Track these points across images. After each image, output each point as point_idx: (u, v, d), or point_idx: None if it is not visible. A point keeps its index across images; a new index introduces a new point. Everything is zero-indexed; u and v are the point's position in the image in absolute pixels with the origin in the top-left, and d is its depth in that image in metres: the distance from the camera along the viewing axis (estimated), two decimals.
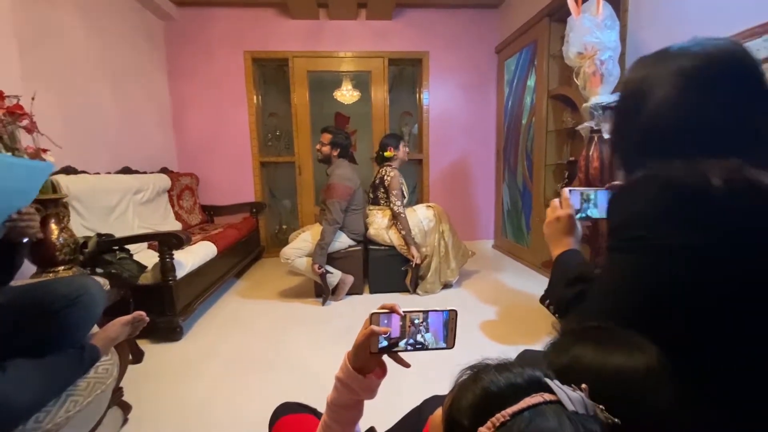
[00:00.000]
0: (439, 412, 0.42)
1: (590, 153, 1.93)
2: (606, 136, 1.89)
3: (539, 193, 3.08)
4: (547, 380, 0.36)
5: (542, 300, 0.81)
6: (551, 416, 0.32)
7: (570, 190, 0.78)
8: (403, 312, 0.56)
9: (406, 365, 0.61)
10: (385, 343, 0.57)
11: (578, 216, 0.78)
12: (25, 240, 1.04)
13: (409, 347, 0.57)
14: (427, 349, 0.58)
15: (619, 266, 0.53)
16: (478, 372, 0.38)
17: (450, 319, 0.57)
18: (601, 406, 0.34)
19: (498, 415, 0.33)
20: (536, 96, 3.08)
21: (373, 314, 0.57)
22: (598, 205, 0.79)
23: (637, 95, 0.57)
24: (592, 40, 1.85)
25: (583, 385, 0.35)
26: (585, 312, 0.58)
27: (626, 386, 0.37)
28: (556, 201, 0.79)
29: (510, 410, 0.33)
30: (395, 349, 0.57)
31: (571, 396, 0.34)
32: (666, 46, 0.59)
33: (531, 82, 3.19)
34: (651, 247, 0.48)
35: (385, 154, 2.74)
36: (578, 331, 0.46)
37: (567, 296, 0.64)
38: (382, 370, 0.61)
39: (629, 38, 2.10)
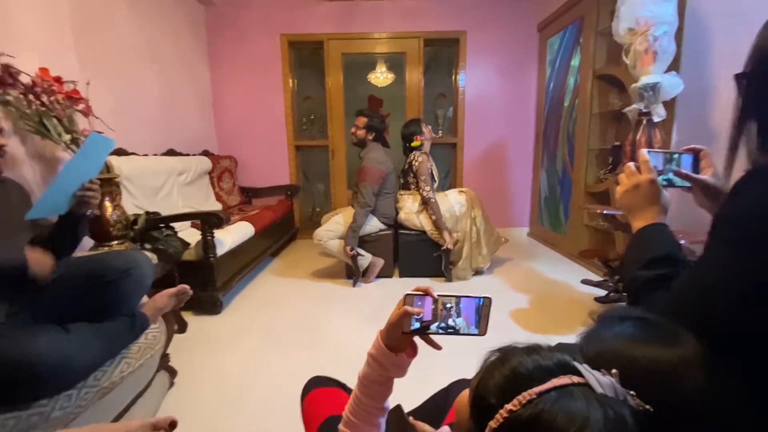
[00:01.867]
0: (466, 393, 0.42)
1: (638, 137, 1.81)
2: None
3: (580, 180, 2.94)
4: (576, 364, 0.35)
5: (612, 275, 0.74)
6: (579, 397, 0.32)
7: (649, 152, 0.67)
8: (437, 295, 0.57)
9: (438, 347, 0.62)
10: (417, 325, 0.57)
11: (661, 180, 0.67)
12: (88, 213, 1.14)
13: (440, 330, 0.58)
14: (458, 333, 0.58)
15: (727, 262, 0.46)
16: (506, 353, 0.38)
17: (483, 306, 0.57)
18: (632, 392, 0.33)
19: (525, 393, 0.33)
20: (581, 76, 2.91)
21: (407, 295, 0.57)
22: (681, 168, 0.69)
23: None
24: (646, 14, 1.71)
25: (614, 370, 0.35)
26: (671, 301, 0.51)
27: (655, 376, 0.36)
28: (632, 165, 0.68)
29: (537, 389, 0.33)
30: (427, 331, 0.58)
31: (600, 380, 0.33)
32: None
33: (575, 61, 3.01)
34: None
35: (413, 144, 2.70)
36: (613, 321, 0.44)
37: (644, 277, 0.57)
38: (413, 350, 0.62)
39: (688, 11, 1.92)
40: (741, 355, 0.42)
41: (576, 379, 0.33)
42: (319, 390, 0.85)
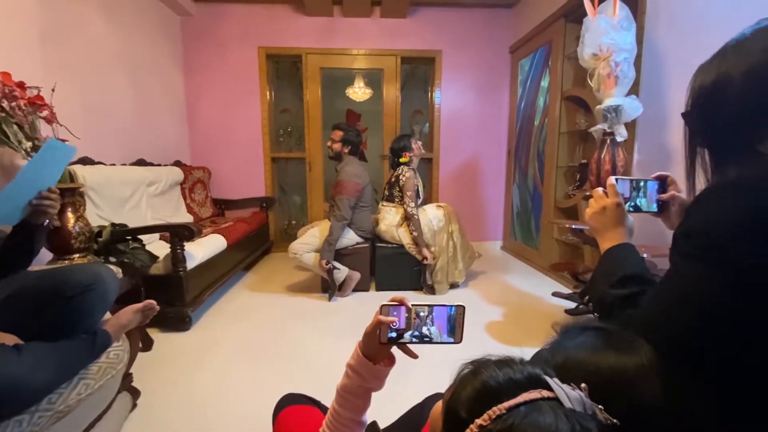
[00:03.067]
0: (439, 405, 0.43)
1: (602, 156, 1.91)
2: (613, 142, 1.87)
3: (550, 195, 3.06)
4: (547, 378, 0.36)
5: (581, 296, 0.76)
6: (547, 412, 0.32)
7: (617, 179, 0.71)
8: (411, 305, 0.59)
9: (414, 356, 0.63)
10: (393, 335, 0.59)
11: (627, 206, 0.71)
12: (45, 223, 1.08)
13: (414, 339, 0.59)
14: (432, 342, 0.59)
15: (690, 276, 0.48)
16: (478, 366, 0.39)
17: (457, 315, 0.59)
18: (600, 406, 0.34)
19: (495, 408, 0.33)
20: (549, 97, 3.05)
21: (383, 306, 0.59)
22: (647, 195, 0.72)
23: (717, 89, 0.52)
24: (608, 41, 1.82)
25: (583, 385, 0.36)
26: (641, 317, 0.53)
27: (614, 385, 0.37)
28: (599, 190, 0.73)
29: (506, 404, 0.33)
30: (401, 340, 0.59)
31: (569, 394, 0.34)
32: (722, 47, 0.55)
33: (545, 82, 3.16)
34: (729, 262, 0.43)
35: (401, 160, 2.71)
36: (574, 331, 0.46)
37: (615, 296, 0.58)
38: (391, 361, 0.63)
39: (646, 40, 2.07)
40: (709, 367, 0.44)
41: (546, 393, 0.34)
42: (292, 408, 0.83)
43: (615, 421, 0.34)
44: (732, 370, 0.43)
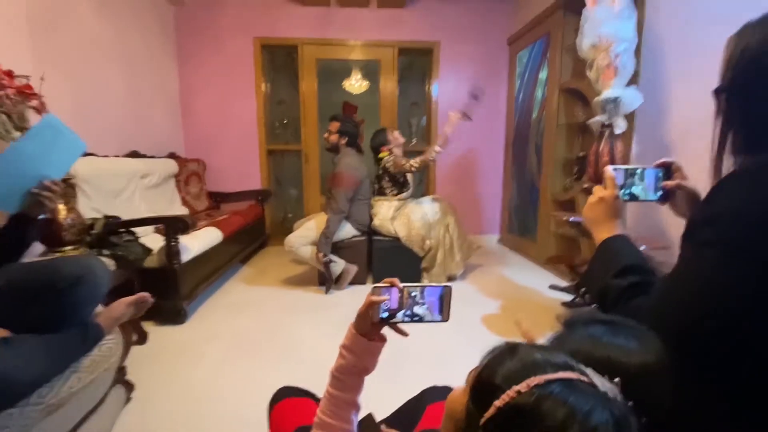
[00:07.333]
0: (457, 390, 0.43)
1: (601, 148, 1.90)
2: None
3: (547, 188, 3.05)
4: (581, 366, 0.36)
5: (577, 288, 0.74)
6: (587, 391, 0.32)
7: (614, 168, 0.70)
8: (402, 286, 0.61)
9: (405, 334, 0.66)
10: (385, 314, 0.61)
11: (623, 193, 0.70)
12: (41, 216, 1.06)
13: (406, 318, 0.62)
14: (423, 320, 0.62)
15: (709, 264, 0.44)
16: (515, 346, 0.39)
17: (445, 294, 0.62)
18: (630, 402, 0.34)
19: (534, 378, 0.33)
20: (548, 89, 3.03)
21: (374, 287, 0.61)
22: (645, 183, 0.70)
23: (762, 58, 0.47)
24: (608, 31, 1.80)
25: (617, 380, 0.35)
26: (652, 308, 0.50)
27: (624, 379, 0.36)
28: (599, 186, 0.71)
29: (546, 377, 0.33)
30: (393, 320, 0.62)
31: (605, 384, 0.34)
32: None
33: (543, 75, 3.13)
34: (755, 252, 0.40)
35: (381, 156, 2.73)
36: (580, 324, 0.45)
37: (619, 286, 0.56)
38: (382, 339, 0.65)
39: (646, 30, 2.05)
40: (722, 362, 0.42)
41: (583, 377, 0.34)
42: (287, 400, 0.82)
43: (643, 419, 0.34)
44: (747, 365, 0.41)
